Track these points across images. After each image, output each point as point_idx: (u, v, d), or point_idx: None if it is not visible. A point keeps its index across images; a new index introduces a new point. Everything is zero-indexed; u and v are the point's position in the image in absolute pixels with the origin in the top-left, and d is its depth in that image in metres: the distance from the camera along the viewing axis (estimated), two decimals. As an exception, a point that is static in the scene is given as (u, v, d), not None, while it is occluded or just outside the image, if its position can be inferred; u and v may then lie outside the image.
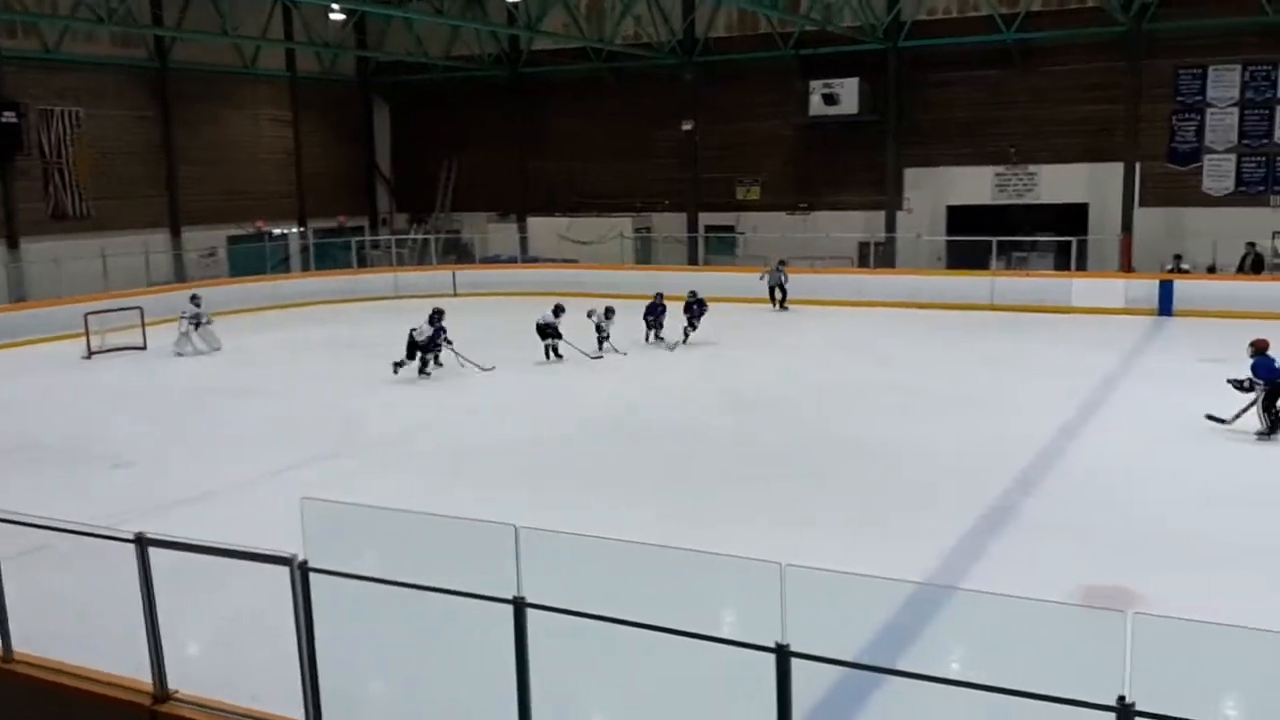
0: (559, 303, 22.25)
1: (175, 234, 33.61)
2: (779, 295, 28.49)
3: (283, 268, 35.27)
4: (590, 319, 22.24)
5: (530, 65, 37.29)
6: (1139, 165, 29.11)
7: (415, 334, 20.30)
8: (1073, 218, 29.89)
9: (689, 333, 23.37)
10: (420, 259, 36.40)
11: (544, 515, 9.05)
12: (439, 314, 20.89)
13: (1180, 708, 4.30)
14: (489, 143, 38.23)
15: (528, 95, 37.57)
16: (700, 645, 5.13)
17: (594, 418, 17.46)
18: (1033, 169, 30.74)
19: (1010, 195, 31.13)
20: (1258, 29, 27.67)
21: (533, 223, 36.73)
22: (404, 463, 14.87)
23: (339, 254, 35.08)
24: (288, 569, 5.90)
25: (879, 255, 31.65)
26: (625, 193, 36.01)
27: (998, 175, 31.19)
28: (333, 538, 6.27)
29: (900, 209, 32.22)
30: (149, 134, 33.19)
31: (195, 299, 24.41)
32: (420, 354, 20.25)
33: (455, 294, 31.25)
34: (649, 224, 35.75)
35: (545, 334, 21.60)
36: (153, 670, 6.56)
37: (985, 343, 23.46)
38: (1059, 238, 28.98)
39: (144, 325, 24.08)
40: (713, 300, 24.36)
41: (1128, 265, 28.73)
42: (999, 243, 28.56)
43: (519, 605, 5.51)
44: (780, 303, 28.48)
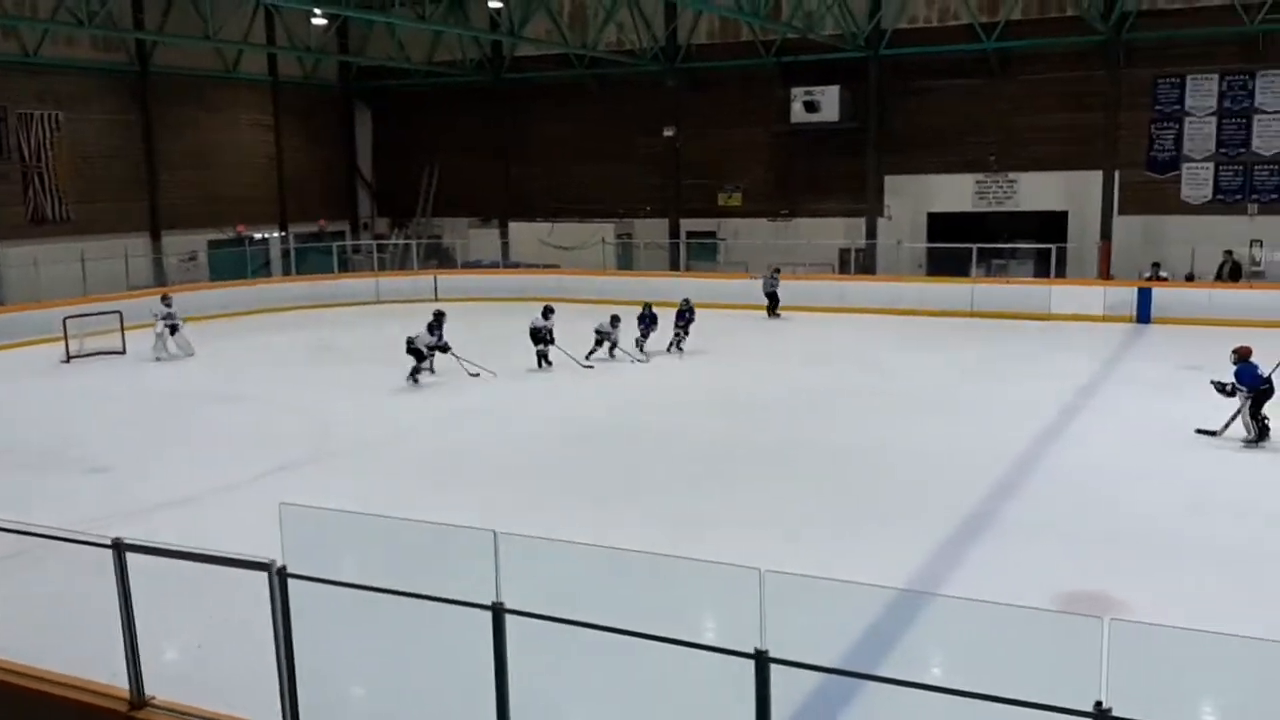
0: (547, 305, 22.19)
1: (155, 238, 33.44)
2: (771, 303, 28.39)
3: (263, 272, 35.17)
4: (598, 332, 22.08)
5: (513, 71, 37.26)
6: (1118, 173, 29.31)
7: (415, 341, 20.08)
8: (1052, 225, 30.07)
9: (682, 341, 23.22)
10: (401, 264, 36.38)
11: (526, 521, 9.00)
12: (439, 318, 20.65)
13: (1157, 713, 4.33)
14: (471, 148, 38.19)
15: (510, 101, 37.54)
16: (681, 651, 5.13)
17: (579, 423, 17.47)
18: (1012, 176, 30.88)
19: (990, 203, 31.29)
20: (1235, 39, 27.92)
21: (514, 228, 36.68)
22: (385, 468, 14.82)
23: (320, 259, 34.95)
24: (266, 574, 5.88)
25: (859, 262, 31.79)
26: (607, 198, 36.03)
27: (978, 183, 31.32)
28: (312, 543, 6.23)
29: (881, 216, 32.31)
30: (129, 138, 33.02)
31: (166, 300, 24.30)
32: (420, 360, 20.01)
33: (436, 299, 31.16)
34: (631, 230, 35.75)
35: (538, 339, 21.38)
36: (129, 676, 6.52)
37: (965, 349, 23.53)
38: (1039, 245, 29.22)
39: (123, 330, 23.96)
40: (696, 306, 24.33)
41: (1106, 273, 28.92)
42: (979, 250, 28.78)
43: (497, 611, 5.50)
44: (771, 310, 28.43)
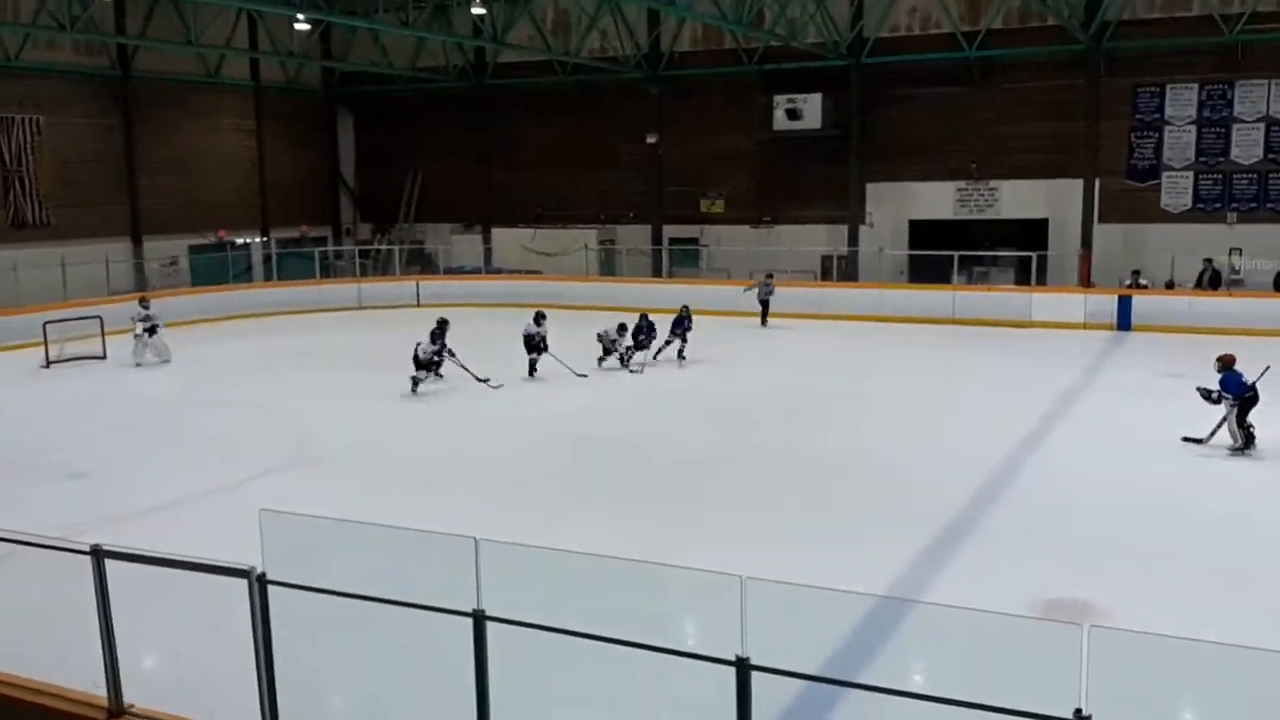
0: (539, 310, 21.97)
1: (136, 243, 33.26)
2: (764, 310, 28.23)
3: (245, 277, 35.07)
4: (600, 340, 21.98)
5: (496, 77, 37.23)
6: (1098, 181, 29.44)
7: (420, 350, 19.73)
8: (1033, 233, 30.19)
9: (682, 349, 22.99)
10: (384, 269, 36.31)
11: (509, 528, 8.99)
12: (443, 325, 20.37)
13: (1136, 720, 4.35)
14: (454, 154, 38.15)
15: (493, 107, 37.51)
16: (662, 658, 5.13)
17: (565, 431, 17.43)
18: (994, 184, 31.00)
19: (971, 210, 31.39)
20: (1214, 49, 28.12)
21: (497, 234, 36.64)
22: (368, 474, 14.75)
23: (302, 264, 34.83)
24: (245, 581, 5.85)
25: (841, 269, 31.84)
26: (590, 205, 36.05)
27: (959, 190, 31.43)
28: (292, 550, 6.21)
29: (863, 223, 32.39)
30: (111, 142, 32.86)
31: (144, 303, 24.16)
32: (424, 370, 19.70)
33: (419, 305, 31.13)
34: (613, 236, 35.75)
35: (531, 345, 21.16)
36: (108, 684, 6.48)
37: (947, 356, 23.61)
38: (1019, 253, 29.32)
39: (104, 335, 23.82)
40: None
41: (1087, 280, 29.05)
42: (960, 257, 28.86)
43: (479, 618, 5.49)
44: (764, 318, 28.28)
